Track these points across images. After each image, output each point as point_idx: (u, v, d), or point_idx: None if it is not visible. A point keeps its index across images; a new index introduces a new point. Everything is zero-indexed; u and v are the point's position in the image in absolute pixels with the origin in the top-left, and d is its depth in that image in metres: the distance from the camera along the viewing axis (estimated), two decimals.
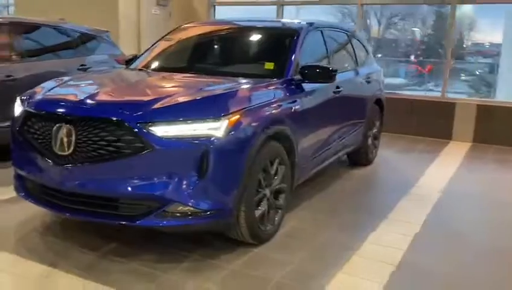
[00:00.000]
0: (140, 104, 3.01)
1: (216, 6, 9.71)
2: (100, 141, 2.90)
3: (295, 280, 3.01)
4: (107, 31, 6.94)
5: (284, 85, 3.74)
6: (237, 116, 3.06)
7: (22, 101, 3.43)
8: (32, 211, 3.82)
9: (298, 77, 3.89)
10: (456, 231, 3.92)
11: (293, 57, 3.97)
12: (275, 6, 9.00)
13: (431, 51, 16.14)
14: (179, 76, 3.90)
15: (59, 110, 3.07)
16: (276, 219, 3.59)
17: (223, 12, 9.79)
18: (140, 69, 4.28)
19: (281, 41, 4.21)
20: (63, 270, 3.03)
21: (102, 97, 3.18)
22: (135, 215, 2.96)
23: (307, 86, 3.98)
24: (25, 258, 3.16)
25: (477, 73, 13.16)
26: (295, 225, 3.87)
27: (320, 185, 4.89)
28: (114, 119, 2.89)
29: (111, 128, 2.89)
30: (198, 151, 2.89)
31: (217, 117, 2.97)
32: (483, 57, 14.01)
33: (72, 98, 3.19)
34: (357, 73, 5.27)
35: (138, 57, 4.62)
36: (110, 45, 6.85)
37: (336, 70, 3.93)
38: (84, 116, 2.95)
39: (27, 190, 3.40)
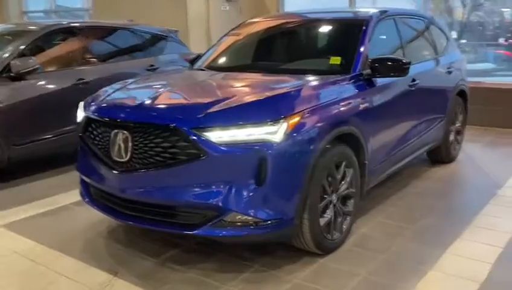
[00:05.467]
0: (194, 109, 2.88)
1: None
2: (156, 148, 2.81)
3: None
4: (176, 31, 6.96)
5: (352, 81, 3.45)
6: (297, 119, 2.83)
7: (84, 106, 3.43)
8: (98, 215, 3.80)
9: (367, 71, 3.58)
10: None
11: (361, 49, 3.66)
12: None
13: None
14: (240, 75, 3.74)
15: (115, 115, 3.02)
16: (344, 226, 3.33)
17: (292, 4, 9.53)
18: (202, 69, 4.17)
19: (348, 34, 3.91)
20: (123, 278, 2.99)
21: (158, 102, 3.09)
22: (193, 224, 2.84)
23: (378, 81, 3.66)
24: (88, 264, 3.16)
25: None
26: (365, 232, 3.58)
27: (395, 187, 4.52)
28: (168, 125, 2.78)
29: (165, 134, 2.79)
30: (255, 157, 2.70)
31: (274, 120, 2.76)
32: None
33: (129, 103, 3.14)
34: (436, 63, 4.82)
35: (202, 56, 4.52)
36: (179, 44, 6.87)
37: (409, 63, 3.57)
38: (139, 122, 2.87)
39: (91, 195, 3.41)
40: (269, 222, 2.79)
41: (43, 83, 5.01)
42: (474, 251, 3.25)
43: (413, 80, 4.13)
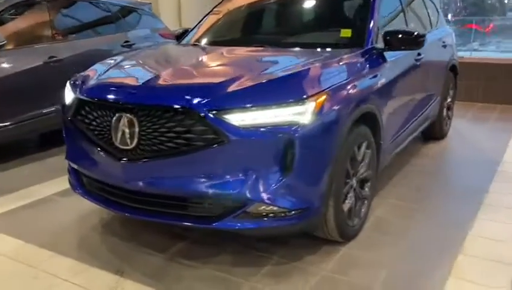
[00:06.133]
0: (210, 88, 2.56)
1: None
2: (167, 133, 2.49)
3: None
4: (148, 3, 6.50)
5: (366, 56, 3.22)
6: (324, 97, 2.57)
7: (73, 86, 3.04)
8: (87, 206, 3.46)
9: (380, 45, 3.36)
10: None
11: (372, 21, 3.42)
12: None
13: (474, 8, 14.95)
14: (242, 50, 3.42)
15: (118, 97, 2.65)
16: (362, 211, 3.14)
17: None
18: (195, 44, 3.82)
19: (356, 4, 3.66)
20: (131, 278, 2.68)
21: (165, 82, 2.74)
22: (211, 217, 2.55)
23: (389, 55, 3.44)
24: (88, 265, 2.82)
25: None
26: (380, 215, 3.41)
27: (395, 165, 4.34)
28: (182, 107, 2.45)
29: (179, 117, 2.47)
30: (281, 141, 2.43)
31: (301, 100, 2.49)
32: None
33: (131, 82, 2.78)
34: (434, 36, 4.65)
35: (190, 31, 4.15)
36: (153, 18, 6.42)
37: (424, 35, 3.38)
38: (147, 104, 2.53)
39: (83, 186, 3.05)
40: (295, 211, 2.54)
41: (11, 61, 4.50)
42: (497, 232, 3.14)
43: (419, 54, 3.95)
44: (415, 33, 3.35)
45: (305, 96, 2.50)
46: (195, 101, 2.44)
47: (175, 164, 2.51)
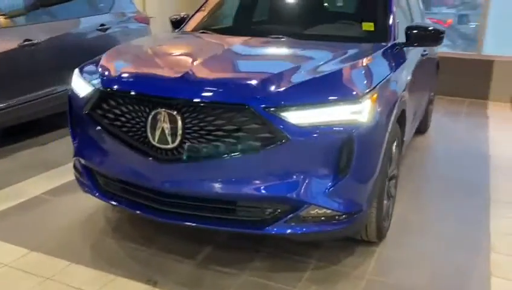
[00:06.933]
0: (265, 83, 2.36)
1: None
2: (215, 132, 2.27)
3: None
4: None
5: (393, 51, 3.15)
6: (376, 95, 2.46)
7: (87, 76, 2.72)
8: (86, 207, 3.24)
9: (402, 40, 3.29)
10: None
11: (392, 15, 3.35)
12: None
13: None
14: (264, 41, 3.22)
15: (159, 91, 2.37)
16: (390, 210, 3.09)
17: None
18: (203, 33, 3.56)
19: None
20: (165, 288, 2.45)
21: (210, 74, 2.51)
22: (261, 221, 2.37)
23: (406, 50, 3.39)
24: (113, 274, 2.55)
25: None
26: (401, 213, 3.35)
27: None
28: (236, 103, 2.25)
29: (230, 114, 2.26)
30: (340, 141, 2.29)
31: (358, 97, 2.36)
32: (446, 7, 13.35)
33: (167, 74, 2.50)
34: None
35: (191, 17, 3.87)
36: (126, 2, 5.96)
37: (444, 32, 3.35)
38: (195, 100, 2.29)
39: (100, 187, 2.74)
40: (346, 215, 2.42)
41: None
42: None
43: (424, 50, 3.95)
44: (436, 29, 3.31)
45: (362, 94, 2.37)
46: (252, 97, 2.25)
47: (223, 165, 2.30)
